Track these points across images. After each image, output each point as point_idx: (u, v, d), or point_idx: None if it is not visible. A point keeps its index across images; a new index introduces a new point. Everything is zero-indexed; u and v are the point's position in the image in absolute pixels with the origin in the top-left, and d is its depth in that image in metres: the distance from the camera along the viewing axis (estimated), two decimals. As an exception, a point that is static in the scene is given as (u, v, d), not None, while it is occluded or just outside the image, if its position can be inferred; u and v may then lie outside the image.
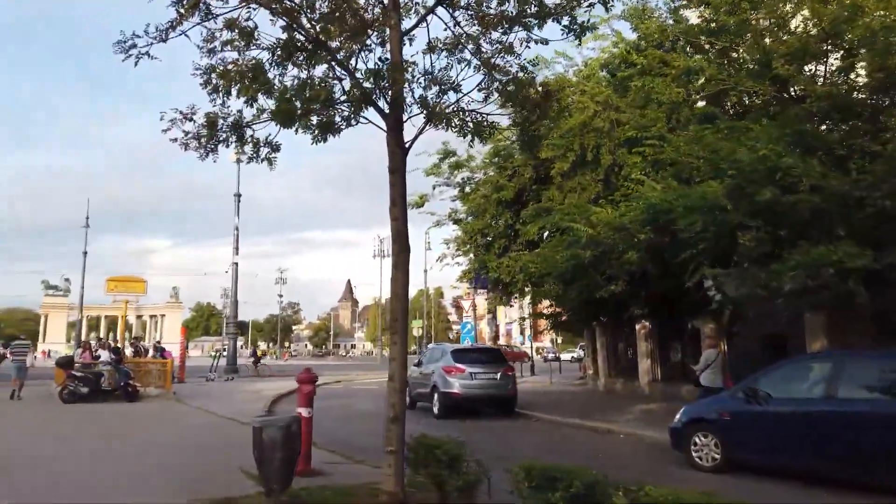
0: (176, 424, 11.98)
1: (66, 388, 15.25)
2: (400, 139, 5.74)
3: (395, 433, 5.53)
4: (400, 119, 5.77)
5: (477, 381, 13.92)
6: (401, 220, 5.70)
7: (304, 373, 7.56)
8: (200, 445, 9.36)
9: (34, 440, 9.88)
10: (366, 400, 19.61)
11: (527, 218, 17.53)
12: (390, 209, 5.71)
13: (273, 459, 5.29)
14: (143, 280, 17.56)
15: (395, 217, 5.69)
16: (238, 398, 18.47)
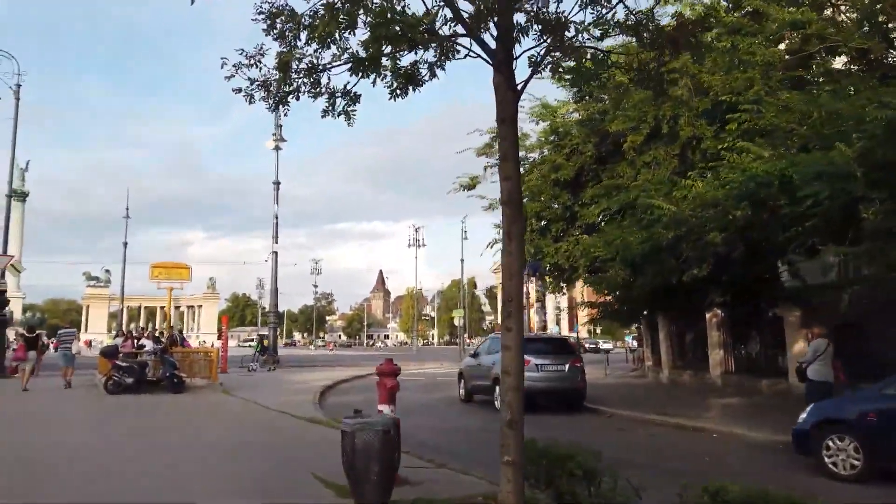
0: (227, 419, 11.20)
1: (110, 378, 14.67)
2: (511, 79, 4.68)
3: (513, 440, 4.50)
4: (510, 54, 4.70)
5: (543, 373, 12.86)
6: (514, 180, 4.66)
7: (386, 363, 6.56)
8: (258, 444, 8.50)
9: (80, 435, 9.16)
10: (417, 391, 18.72)
11: (589, 198, 16.32)
12: (501, 166, 4.67)
13: (369, 470, 4.32)
14: (188, 266, 16.90)
15: (506, 175, 4.65)
16: (285, 389, 17.75)
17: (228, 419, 11.05)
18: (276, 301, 34.61)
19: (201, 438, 8.88)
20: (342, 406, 14.46)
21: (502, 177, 4.70)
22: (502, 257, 4.76)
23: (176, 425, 10.16)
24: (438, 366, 34.51)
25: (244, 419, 11.03)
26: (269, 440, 8.75)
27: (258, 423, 10.51)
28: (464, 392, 15.32)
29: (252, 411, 12.13)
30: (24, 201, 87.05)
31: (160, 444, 8.31)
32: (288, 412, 11.58)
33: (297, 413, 11.41)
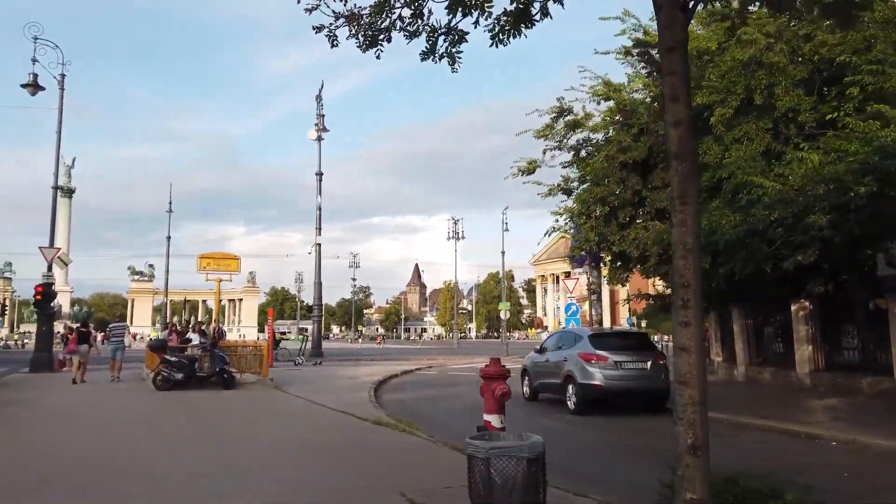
0: (286, 419, 10.36)
1: (159, 373, 14.07)
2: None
3: (699, 472, 3.39)
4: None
5: (623, 371, 11.69)
6: (686, 124, 3.55)
7: (493, 364, 5.42)
8: (327, 450, 7.59)
9: (136, 436, 8.41)
10: (475, 387, 17.71)
11: (661, 181, 15.05)
12: (668, 108, 3.57)
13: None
14: (237, 257, 16.21)
15: (676, 119, 3.54)
16: (337, 385, 16.96)
17: (288, 420, 10.21)
18: (321, 294, 34.14)
19: (264, 442, 8.02)
20: (400, 404, 13.59)
21: (671, 122, 3.60)
22: (675, 228, 3.66)
23: (233, 426, 9.35)
24: (485, 360, 33.52)
25: (305, 420, 10.18)
26: (338, 446, 7.83)
27: (321, 425, 9.63)
28: (528, 390, 14.25)
29: (311, 411, 11.29)
30: (71, 197, 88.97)
31: (221, 449, 7.47)
32: (350, 412, 10.69)
33: (359, 413, 10.51)
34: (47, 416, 10.27)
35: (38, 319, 20.95)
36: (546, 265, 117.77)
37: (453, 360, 32.62)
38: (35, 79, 21.76)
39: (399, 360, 33.06)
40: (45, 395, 13.34)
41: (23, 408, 11.28)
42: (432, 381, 20.12)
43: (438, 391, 16.95)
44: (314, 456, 7.17)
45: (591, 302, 24.29)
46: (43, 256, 21.24)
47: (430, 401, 14.71)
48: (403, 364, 28.72)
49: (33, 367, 20.48)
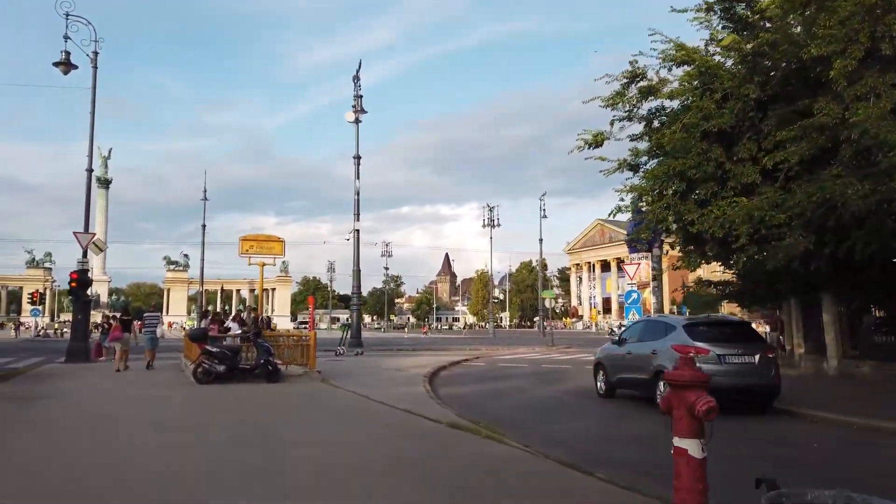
0: (344, 419, 9.06)
1: (200, 365, 12.95)
2: None
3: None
4: None
5: (727, 365, 10.11)
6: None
7: (684, 365, 3.78)
8: (409, 464, 6.22)
9: (175, 446, 7.14)
10: (532, 381, 16.31)
11: (772, 142, 13.03)
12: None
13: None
14: (281, 239, 14.96)
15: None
16: (387, 378, 15.70)
17: (347, 420, 8.89)
18: (359, 282, 32.83)
19: (329, 452, 6.69)
20: (461, 400, 12.21)
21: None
22: None
23: (288, 429, 8.07)
24: (531, 350, 32.05)
25: (366, 421, 8.85)
26: (420, 458, 6.45)
27: (388, 428, 8.29)
28: (604, 386, 12.75)
29: (370, 409, 9.96)
30: (108, 188, 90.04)
31: (278, 462, 6.16)
32: (415, 411, 9.35)
33: (426, 413, 9.17)
34: (78, 415, 9.14)
35: (74, 307, 20.15)
36: (581, 253, 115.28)
37: (497, 351, 31.24)
38: (67, 57, 20.87)
39: (441, 350, 31.80)
40: (79, 389, 12.33)
41: (53, 404, 10.22)
42: (485, 374, 18.74)
43: (497, 385, 15.56)
44: (396, 474, 5.80)
45: (653, 289, 22.56)
46: (78, 242, 20.40)
47: (492, 396, 13.32)
48: (447, 355, 27.43)
49: (69, 357, 19.71)
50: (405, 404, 10.22)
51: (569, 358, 25.99)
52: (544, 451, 6.61)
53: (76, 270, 20.04)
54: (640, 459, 6.93)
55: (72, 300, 20.25)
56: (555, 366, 21.76)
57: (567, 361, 23.93)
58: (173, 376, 15.19)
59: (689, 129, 14.65)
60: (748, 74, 14.06)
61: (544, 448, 6.82)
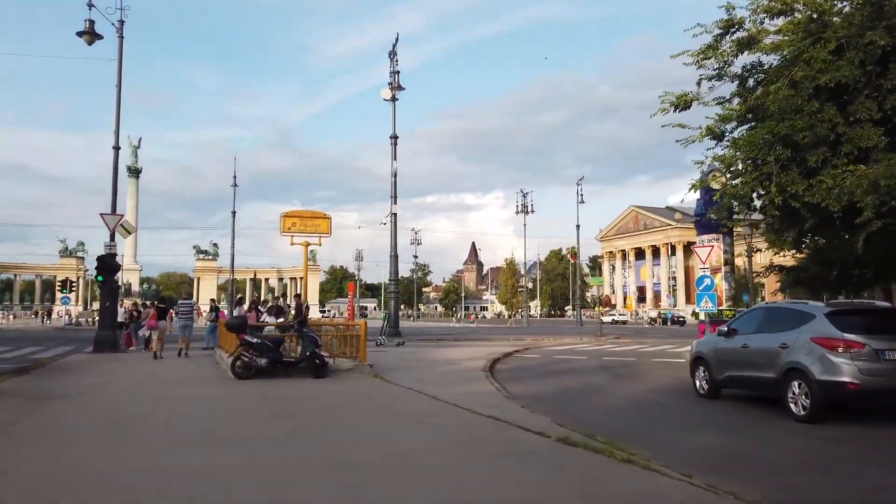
0: (424, 430, 7.27)
1: (239, 358, 11.38)
2: None
3: None
4: None
5: (888, 363, 8.14)
6: None
7: None
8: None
9: (219, 470, 5.48)
10: (603, 376, 14.42)
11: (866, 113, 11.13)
12: None
13: None
14: (327, 216, 13.18)
15: None
16: (443, 372, 14.01)
17: (429, 432, 7.10)
18: (397, 268, 31.21)
19: (428, 482, 4.96)
20: (540, 401, 10.41)
21: None
22: None
23: (358, 442, 6.35)
24: (578, 340, 30.11)
25: (451, 432, 7.06)
26: (564, 497, 4.66)
27: (486, 444, 6.50)
28: (706, 384, 10.84)
29: (446, 414, 8.21)
30: (138, 177, 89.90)
31: (366, 499, 4.43)
32: (503, 418, 7.59)
33: (520, 421, 7.40)
34: (98, 421, 7.57)
35: (101, 294, 18.86)
36: (614, 241, 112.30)
37: (543, 341, 29.37)
38: (91, 26, 19.45)
39: (483, 340, 30.07)
40: (103, 386, 10.85)
41: (70, 406, 8.71)
42: (547, 368, 16.92)
43: (568, 381, 13.74)
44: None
45: (725, 274, 20.50)
46: (105, 224, 19.07)
47: (572, 396, 11.52)
48: (493, 345, 25.68)
49: (97, 347, 18.45)
50: (485, 408, 8.47)
51: (626, 349, 24.03)
52: (717, 484, 4.79)
53: (102, 255, 18.73)
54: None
55: (99, 286, 18.92)
56: (616, 358, 19.86)
57: (626, 353, 21.99)
58: (208, 369, 13.70)
59: (799, 85, 12.54)
60: (871, 20, 11.89)
61: (705, 477, 5.01)
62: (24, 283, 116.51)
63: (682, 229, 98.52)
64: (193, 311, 19.50)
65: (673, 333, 39.74)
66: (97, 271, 18.76)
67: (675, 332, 43.79)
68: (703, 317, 20.62)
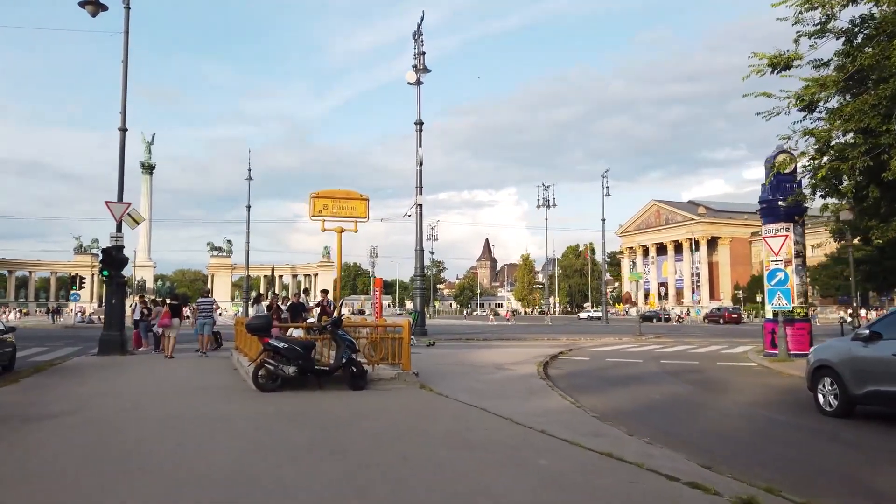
0: (519, 474, 5.18)
1: (262, 366, 9.48)
2: None
3: None
4: None
5: None
6: None
7: None
8: None
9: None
10: (694, 390, 12.31)
11: None
12: None
13: None
14: (364, 197, 11.19)
15: None
16: (495, 381, 12.07)
17: (526, 477, 5.07)
18: (423, 263, 29.28)
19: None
20: (624, 418, 8.49)
21: None
22: None
23: (441, 497, 4.41)
24: (618, 340, 28.02)
25: (566, 481, 4.99)
26: None
27: (619, 499, 4.55)
28: (835, 400, 8.79)
29: (532, 444, 6.18)
30: (152, 174, 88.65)
31: None
32: (631, 459, 5.58)
33: (657, 465, 5.40)
34: (86, 457, 5.67)
35: (107, 291, 17.08)
36: (635, 236, 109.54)
37: (581, 341, 27.33)
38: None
39: (517, 340, 28.08)
40: (101, 399, 9.00)
41: (55, 431, 6.83)
42: (606, 373, 14.91)
43: (643, 391, 11.73)
44: None
45: (796, 268, 18.29)
46: (111, 213, 17.29)
47: (661, 412, 9.53)
48: (531, 346, 23.71)
49: (102, 349, 16.70)
50: (585, 437, 6.51)
51: (675, 350, 21.94)
52: None
53: (107, 247, 16.96)
54: None
55: (104, 282, 17.15)
56: (675, 361, 17.81)
57: (680, 355, 19.92)
58: (225, 376, 11.84)
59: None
60: None
61: None
62: (40, 280, 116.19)
63: (706, 224, 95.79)
64: (213, 308, 18.34)
65: (715, 332, 37.50)
66: (102, 265, 16.99)
67: (714, 330, 41.46)
68: (770, 315, 18.50)
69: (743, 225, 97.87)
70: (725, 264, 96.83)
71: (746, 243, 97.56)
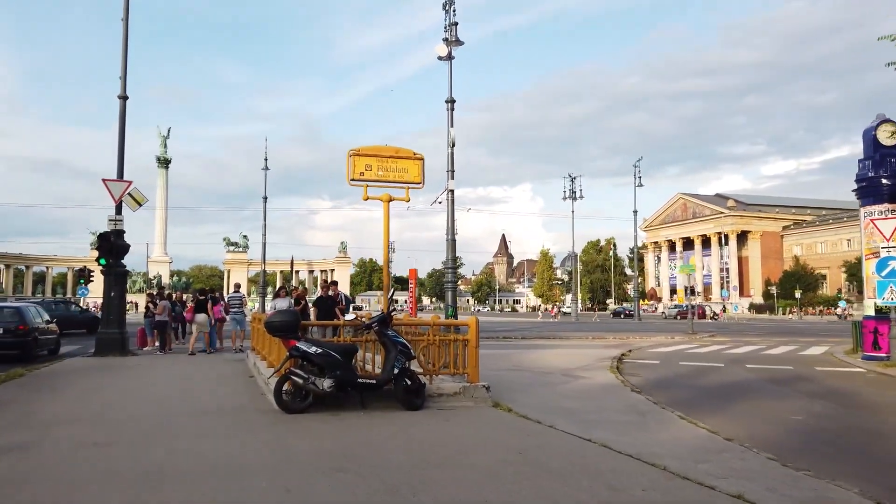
0: None
1: (289, 378, 7.04)
2: None
3: None
4: None
5: None
6: None
7: None
8: None
9: None
10: (833, 405, 9.66)
11: None
12: None
13: None
14: (418, 156, 8.56)
15: None
16: (572, 392, 9.59)
17: None
18: (454, 254, 26.73)
19: None
20: (787, 451, 5.97)
21: None
22: None
23: None
24: (670, 339, 25.35)
25: None
26: None
27: None
28: None
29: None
30: (167, 168, 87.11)
31: None
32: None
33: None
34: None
35: (105, 282, 14.79)
36: (659, 231, 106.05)
37: (630, 340, 24.70)
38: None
39: (560, 339, 25.54)
40: (69, 425, 6.60)
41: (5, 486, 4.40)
42: (697, 381, 12.33)
43: (768, 409, 9.18)
44: None
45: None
46: (109, 193, 15.01)
47: (825, 442, 6.99)
48: (581, 346, 21.20)
49: (99, 349, 14.47)
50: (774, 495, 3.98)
51: (748, 351, 19.25)
52: None
53: (104, 232, 14.67)
54: None
55: (102, 271, 14.87)
56: (761, 366, 15.18)
57: (759, 358, 17.27)
58: (239, 388, 9.44)
59: None
60: None
61: None
62: (58, 276, 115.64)
63: (736, 217, 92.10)
64: (243, 303, 17.71)
65: (766, 330, 34.61)
66: (99, 251, 14.69)
67: (763, 328, 38.48)
68: (873, 311, 15.82)
69: (773, 218, 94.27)
70: (756, 259, 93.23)
71: (777, 237, 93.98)
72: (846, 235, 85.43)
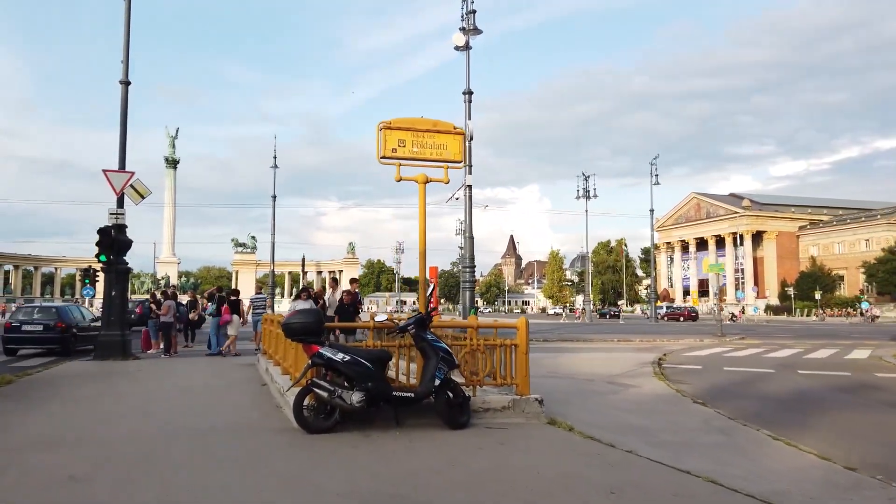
0: None
1: (311, 390, 5.89)
2: None
3: None
4: None
5: None
6: None
7: None
8: None
9: None
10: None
11: None
12: None
13: None
14: (457, 130, 7.28)
15: None
16: (625, 403, 8.44)
17: None
18: (472, 253, 25.66)
19: None
20: None
21: None
22: None
23: None
24: (698, 341, 24.07)
25: None
26: None
27: None
28: None
29: None
30: (176, 168, 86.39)
31: None
32: None
33: None
34: None
35: (105, 281, 13.71)
36: (672, 231, 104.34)
37: (657, 342, 23.47)
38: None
39: (583, 342, 24.32)
40: (45, 451, 5.43)
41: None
42: (756, 389, 11.12)
43: (867, 425, 7.96)
44: None
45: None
46: (110, 184, 13.97)
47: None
48: (611, 349, 19.99)
49: (99, 353, 13.40)
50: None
51: (789, 355, 17.99)
52: None
53: (105, 227, 13.59)
54: None
55: (103, 269, 13.81)
56: (816, 371, 13.94)
57: (805, 363, 16.01)
58: (251, 400, 8.31)
59: None
60: None
61: None
62: (67, 276, 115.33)
63: (751, 217, 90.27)
64: (266, 305, 18.22)
65: (793, 332, 33.21)
66: (98, 247, 13.61)
67: (790, 330, 37.04)
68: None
69: (789, 218, 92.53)
70: (771, 260, 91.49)
71: (793, 237, 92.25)
72: (864, 235, 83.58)
